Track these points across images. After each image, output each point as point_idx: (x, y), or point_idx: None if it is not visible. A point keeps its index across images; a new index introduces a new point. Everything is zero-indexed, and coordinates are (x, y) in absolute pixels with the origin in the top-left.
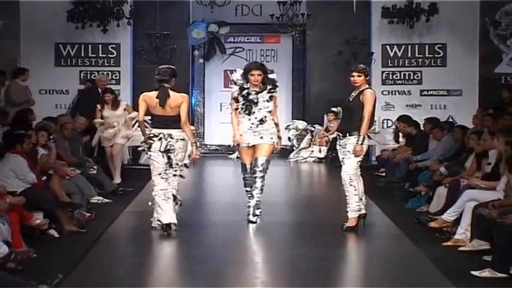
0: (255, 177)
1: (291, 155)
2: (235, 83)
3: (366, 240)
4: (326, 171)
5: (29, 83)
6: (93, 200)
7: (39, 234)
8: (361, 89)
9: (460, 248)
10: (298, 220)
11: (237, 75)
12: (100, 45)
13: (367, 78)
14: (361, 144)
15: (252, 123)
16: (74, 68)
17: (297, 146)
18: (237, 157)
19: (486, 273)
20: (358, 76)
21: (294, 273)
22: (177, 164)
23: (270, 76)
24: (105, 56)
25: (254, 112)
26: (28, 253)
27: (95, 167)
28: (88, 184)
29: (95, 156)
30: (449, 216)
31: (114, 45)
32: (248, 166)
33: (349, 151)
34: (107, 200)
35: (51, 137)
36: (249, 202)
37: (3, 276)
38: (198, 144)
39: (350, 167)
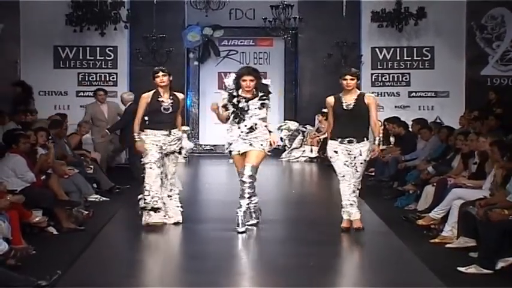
0: (242, 186)
1: (283, 155)
2: (225, 89)
3: (355, 237)
4: (317, 170)
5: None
6: (91, 198)
7: (38, 231)
8: (357, 93)
9: (447, 245)
10: (290, 217)
11: (229, 81)
12: (98, 48)
13: (358, 82)
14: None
15: (242, 131)
16: (72, 70)
17: (289, 146)
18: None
19: (472, 269)
20: (351, 79)
21: (285, 269)
22: None
23: (264, 82)
24: (102, 58)
25: (244, 120)
26: (27, 250)
27: (92, 166)
28: (86, 183)
29: None
30: (436, 214)
31: (111, 48)
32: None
33: (365, 159)
34: (104, 198)
35: (49, 137)
36: (245, 212)
37: (3, 272)
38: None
39: (361, 173)
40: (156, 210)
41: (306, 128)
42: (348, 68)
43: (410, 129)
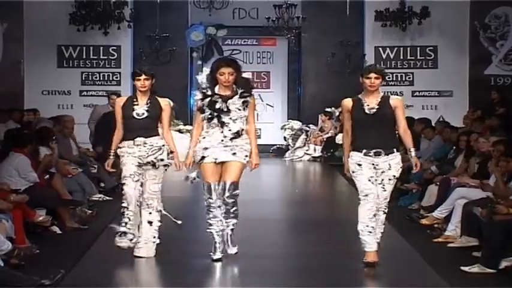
0: (226, 206)
1: (287, 154)
2: (198, 88)
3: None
4: (320, 169)
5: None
6: (95, 198)
7: (41, 230)
8: (381, 95)
9: (449, 244)
10: (293, 217)
11: (202, 77)
12: (101, 47)
13: (383, 82)
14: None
15: (225, 136)
16: (76, 69)
17: (292, 145)
18: (197, 177)
19: (476, 268)
20: (376, 78)
21: (287, 268)
22: None
23: (244, 76)
24: (106, 57)
25: (228, 123)
26: (31, 249)
27: (96, 166)
28: (89, 182)
29: None
30: (439, 213)
31: (115, 47)
32: (214, 187)
33: (394, 175)
34: (107, 198)
35: (53, 137)
36: (218, 233)
37: (7, 271)
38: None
39: (389, 192)
40: (122, 234)
41: (309, 127)
42: (373, 64)
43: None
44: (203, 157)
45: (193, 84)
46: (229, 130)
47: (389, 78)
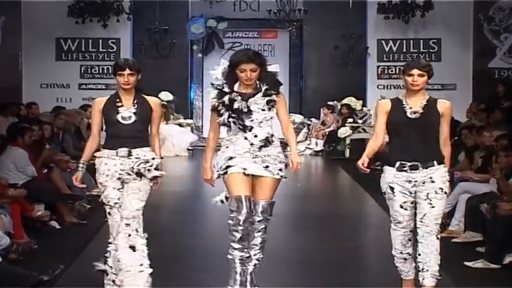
0: (254, 233)
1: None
2: (212, 84)
3: (361, 231)
4: (322, 163)
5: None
6: (94, 192)
7: (40, 225)
8: (427, 97)
9: (453, 240)
10: (294, 212)
11: (218, 71)
12: (100, 40)
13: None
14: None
15: (252, 144)
16: (75, 62)
17: None
18: (226, 197)
19: (479, 264)
20: (420, 76)
21: (288, 264)
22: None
23: (270, 69)
24: (105, 50)
25: (252, 127)
26: (29, 244)
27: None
28: (89, 176)
29: None
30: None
31: (114, 40)
32: (245, 202)
33: (441, 188)
34: None
35: (52, 132)
36: (243, 266)
37: (5, 267)
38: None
39: (440, 211)
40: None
41: (311, 121)
42: (417, 59)
43: None
44: (228, 166)
45: (194, 77)
46: (255, 136)
47: (392, 71)
